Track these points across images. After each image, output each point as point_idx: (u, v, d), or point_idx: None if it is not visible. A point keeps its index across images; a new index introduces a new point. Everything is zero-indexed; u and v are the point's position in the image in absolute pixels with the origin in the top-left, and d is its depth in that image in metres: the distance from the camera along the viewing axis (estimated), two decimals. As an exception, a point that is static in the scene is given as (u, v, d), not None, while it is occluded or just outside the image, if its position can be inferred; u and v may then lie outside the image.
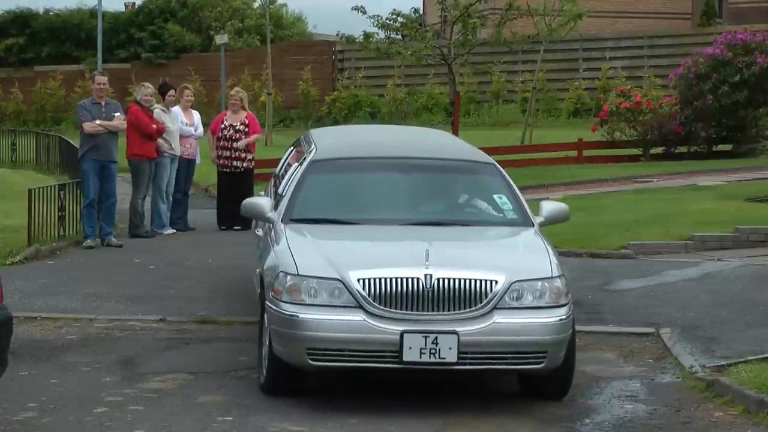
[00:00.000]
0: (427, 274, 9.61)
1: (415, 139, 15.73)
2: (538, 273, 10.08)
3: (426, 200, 12.16)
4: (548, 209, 11.76)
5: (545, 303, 9.87)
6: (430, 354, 9.46)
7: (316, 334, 9.67)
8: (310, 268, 9.97)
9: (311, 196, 11.84)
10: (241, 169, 22.62)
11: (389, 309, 9.62)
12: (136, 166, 21.48)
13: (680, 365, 12.77)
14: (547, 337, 9.74)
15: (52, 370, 12.68)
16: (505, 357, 9.83)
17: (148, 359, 13.28)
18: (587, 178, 30.31)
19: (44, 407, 11.08)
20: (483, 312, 9.64)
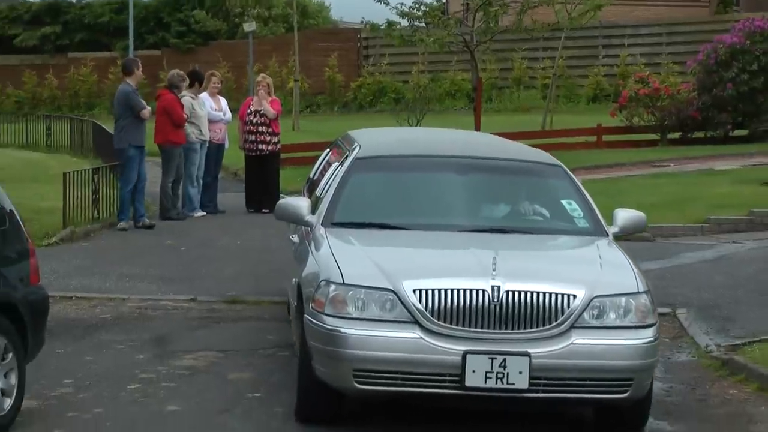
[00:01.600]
0: (495, 285, 7.98)
1: (468, 138, 14.41)
2: (622, 288, 8.40)
3: (486, 204, 10.36)
4: (624, 218, 9.88)
5: (630, 322, 8.23)
6: (497, 379, 7.81)
7: (364, 354, 8.08)
8: (358, 277, 8.39)
9: (355, 197, 10.17)
10: (267, 152, 22.21)
11: (450, 325, 7.99)
12: (168, 152, 20.95)
13: (696, 344, 12.75)
14: (633, 362, 8.14)
15: (87, 347, 12.65)
16: (584, 384, 8.11)
17: (179, 338, 13.24)
18: (606, 162, 30.06)
19: (80, 383, 11.06)
20: (559, 331, 8.04)
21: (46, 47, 59.59)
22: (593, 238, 9.61)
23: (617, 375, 8.09)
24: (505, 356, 7.84)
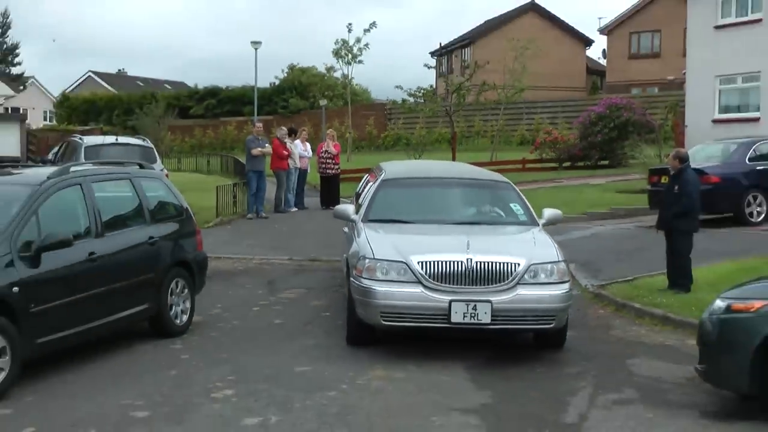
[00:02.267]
0: (469, 258, 10.58)
1: (453, 167, 17.58)
2: (548, 258, 10.88)
3: (464, 207, 13.06)
4: (548, 214, 12.75)
5: (554, 280, 10.69)
6: (470, 317, 10.35)
7: (387, 302, 10.61)
8: (383, 254, 10.96)
9: (382, 203, 12.82)
10: (331, 174, 28.01)
11: (441, 284, 10.57)
12: (277, 174, 26.75)
13: (580, 285, 15.01)
14: (555, 305, 10.55)
15: (229, 286, 15.61)
16: (525, 319, 10.65)
17: (282, 281, 16.24)
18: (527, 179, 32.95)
19: (225, 307, 13.92)
20: (510, 286, 10.51)
21: (207, 114, 70.63)
22: (530, 227, 12.27)
23: (545, 313, 10.58)
24: (475, 303, 10.37)
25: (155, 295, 11.93)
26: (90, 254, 10.82)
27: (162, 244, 12.21)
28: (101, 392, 9.65)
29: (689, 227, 13.62)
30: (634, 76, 61.84)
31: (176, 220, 12.81)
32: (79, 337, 10.72)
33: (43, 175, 11.04)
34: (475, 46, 66.61)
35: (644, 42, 64.23)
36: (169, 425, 8.49)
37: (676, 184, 13.49)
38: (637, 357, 10.88)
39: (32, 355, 9.95)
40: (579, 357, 11.00)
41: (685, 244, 13.58)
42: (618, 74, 63.89)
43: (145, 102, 65.97)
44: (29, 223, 10.15)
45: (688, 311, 12.07)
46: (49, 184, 10.69)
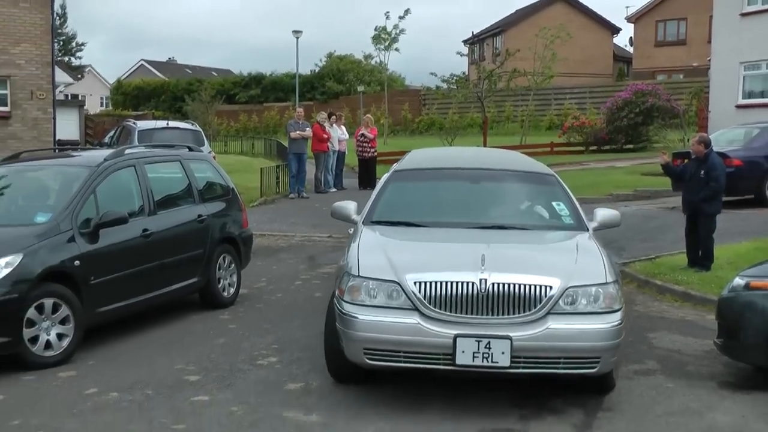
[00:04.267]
0: (482, 278, 7.68)
1: (487, 154, 13.69)
2: (593, 278, 7.92)
3: (491, 206, 9.88)
4: (602, 215, 9.61)
5: (599, 308, 7.77)
6: (483, 358, 7.52)
7: (372, 336, 7.79)
8: (371, 270, 8.11)
9: (390, 201, 9.89)
10: (368, 157, 28.59)
11: (443, 312, 7.70)
12: (317, 156, 27.39)
13: None
14: (600, 343, 7.65)
15: (272, 262, 15.84)
16: (558, 362, 7.68)
17: (322, 256, 16.45)
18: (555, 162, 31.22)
19: (269, 280, 14.19)
20: (537, 317, 7.66)
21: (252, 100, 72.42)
22: (575, 232, 9.12)
23: (586, 354, 7.59)
24: (489, 339, 7.47)
25: (204, 269, 12.14)
26: (144, 231, 11.07)
27: (210, 222, 12.40)
28: (156, 358, 9.86)
29: (715, 210, 13.51)
30: (660, 63, 61.72)
31: (223, 199, 12.98)
32: (135, 307, 10.98)
33: (100, 158, 11.31)
34: (506, 34, 66.44)
35: (670, 29, 63.82)
36: (219, 389, 8.65)
37: (702, 169, 13.30)
38: (658, 331, 10.80)
39: (93, 323, 10.22)
40: None
41: (709, 225, 13.48)
42: (644, 61, 63.69)
43: (192, 89, 66.87)
44: (88, 202, 10.42)
45: (708, 288, 12.01)
46: (105, 165, 10.98)
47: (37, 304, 9.48)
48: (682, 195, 13.98)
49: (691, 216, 13.71)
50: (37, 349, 9.49)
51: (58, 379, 9.10)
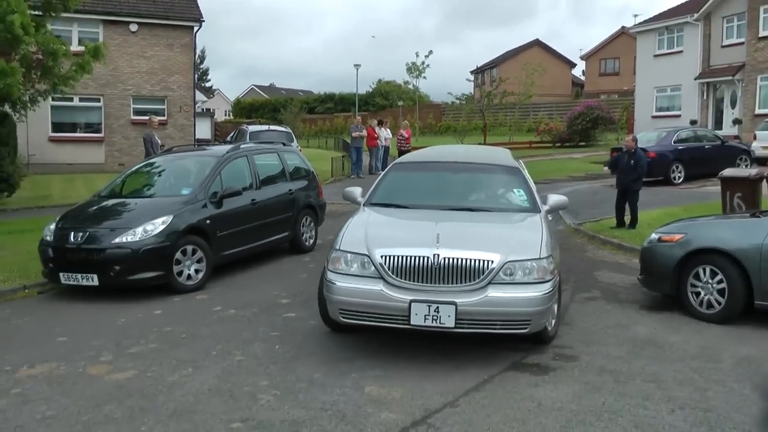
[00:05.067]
0: (436, 253, 6.59)
1: (472, 151, 11.73)
2: (529, 254, 6.79)
3: (465, 192, 8.56)
4: (552, 200, 8.28)
5: (533, 279, 6.68)
6: (432, 319, 6.47)
7: (345, 299, 6.74)
8: (349, 244, 7.01)
9: (387, 187, 8.65)
10: (405, 150, 26.56)
11: (403, 280, 6.60)
12: (370, 149, 26.51)
13: (566, 223, 14.73)
14: (531, 308, 6.59)
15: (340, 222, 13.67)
16: (495, 323, 6.58)
17: None
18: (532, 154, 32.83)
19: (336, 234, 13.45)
20: (480, 286, 6.54)
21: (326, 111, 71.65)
22: (529, 214, 7.88)
23: (519, 317, 6.55)
24: (438, 304, 6.43)
25: (293, 226, 12.08)
26: (252, 200, 11.04)
27: (297, 194, 12.30)
28: (261, 286, 9.81)
29: (639, 187, 13.35)
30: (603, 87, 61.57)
31: (306, 178, 12.81)
32: (246, 252, 10.94)
33: (224, 150, 11.44)
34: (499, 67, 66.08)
35: (609, 65, 63.81)
36: (302, 308, 8.57)
37: (632, 159, 13.09)
38: (601, 270, 10.60)
39: (219, 263, 10.23)
40: (564, 269, 10.13)
41: (635, 198, 13.32)
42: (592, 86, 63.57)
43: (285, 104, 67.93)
44: (216, 180, 10.46)
45: (635, 241, 11.75)
46: (227, 156, 11.07)
47: (182, 248, 9.52)
48: (617, 177, 13.67)
49: (621, 191, 13.45)
50: (182, 279, 9.55)
51: (195, 300, 9.11)
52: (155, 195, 10.37)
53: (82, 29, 28.67)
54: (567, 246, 12.44)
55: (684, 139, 22.14)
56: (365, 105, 69.68)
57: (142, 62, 30.05)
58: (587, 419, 5.23)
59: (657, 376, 6.11)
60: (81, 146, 29.53)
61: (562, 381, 6.02)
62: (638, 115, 37.60)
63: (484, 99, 43.94)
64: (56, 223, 9.74)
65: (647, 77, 37.00)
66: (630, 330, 7.53)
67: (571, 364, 6.46)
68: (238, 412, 5.44)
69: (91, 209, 10.07)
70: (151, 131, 16.07)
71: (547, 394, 5.71)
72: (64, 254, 9.26)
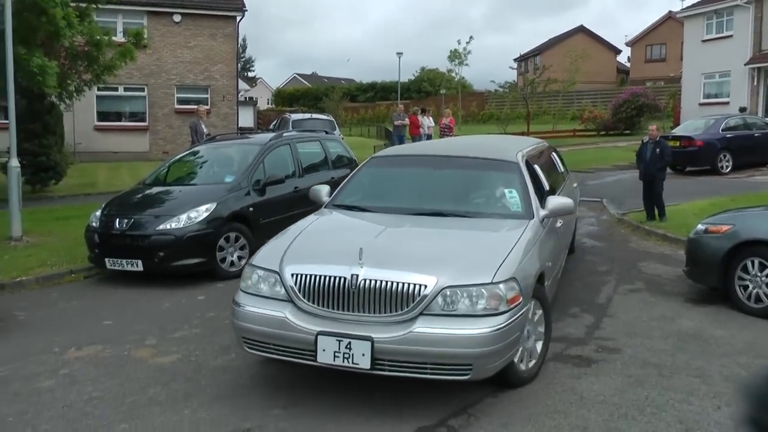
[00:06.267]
0: (354, 273, 5.11)
1: (474, 142, 9.89)
2: (478, 277, 5.09)
3: (442, 192, 6.97)
4: (553, 204, 6.60)
5: (481, 310, 4.99)
6: (343, 358, 5.01)
7: (247, 326, 5.45)
8: (263, 259, 5.72)
9: (356, 186, 7.32)
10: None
11: (315, 306, 5.21)
12: (412, 137, 26.02)
13: (609, 212, 14.61)
14: (472, 350, 4.88)
15: None
16: (423, 367, 4.97)
17: None
18: (576, 143, 33.39)
19: None
20: (406, 318, 5.01)
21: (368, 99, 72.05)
22: (519, 221, 6.23)
23: (455, 360, 4.91)
24: (350, 339, 4.97)
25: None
26: (295, 188, 11.07)
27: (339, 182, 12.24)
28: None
29: (664, 176, 13.11)
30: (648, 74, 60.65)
31: (348, 166, 12.76)
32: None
33: (267, 139, 11.55)
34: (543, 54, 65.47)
35: (655, 51, 62.84)
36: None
37: (657, 148, 12.80)
38: (645, 261, 10.41)
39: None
40: (608, 260, 10.41)
41: (661, 188, 13.01)
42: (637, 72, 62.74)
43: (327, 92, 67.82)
44: (259, 168, 10.57)
45: (680, 232, 11.52)
46: (270, 144, 11.14)
47: (225, 235, 9.70)
48: (642, 168, 13.20)
49: (648, 182, 13.11)
50: (225, 266, 9.68)
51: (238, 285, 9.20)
52: (199, 183, 10.54)
53: (127, 20, 29.12)
54: (610, 236, 12.40)
55: (732, 126, 21.68)
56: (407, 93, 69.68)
57: (185, 52, 30.42)
58: (630, 413, 5.14)
59: (702, 371, 6.00)
60: (126, 135, 30.02)
61: (604, 373, 5.94)
62: (685, 102, 36.82)
63: (528, 87, 43.81)
64: (102, 210, 9.95)
65: (695, 63, 36.17)
66: (675, 323, 7.38)
67: (613, 357, 6.35)
68: (280, 400, 5.45)
69: (136, 196, 10.26)
70: (197, 120, 16.26)
71: (589, 387, 5.63)
72: (109, 240, 9.43)
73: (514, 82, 52.52)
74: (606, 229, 12.73)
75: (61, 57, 17.54)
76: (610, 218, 14.08)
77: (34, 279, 9.43)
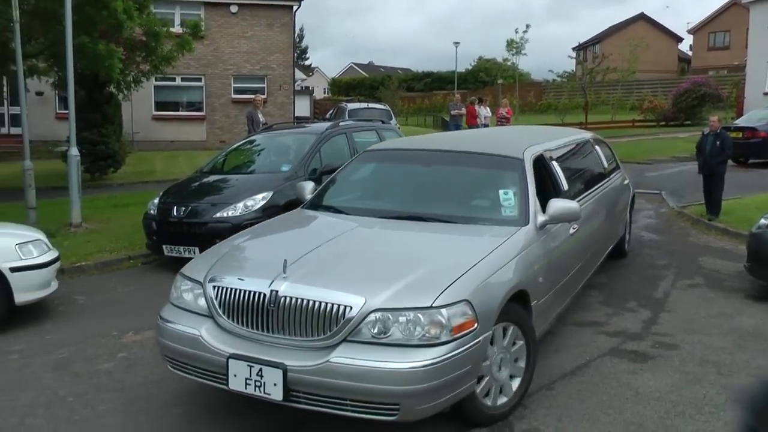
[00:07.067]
0: (273, 290, 4.37)
1: (485, 134, 9.09)
2: (417, 300, 4.20)
3: (428, 193, 6.15)
4: (555, 208, 5.60)
5: (417, 340, 4.12)
6: (255, 386, 4.26)
7: (167, 343, 4.80)
8: (192, 267, 5.10)
9: (340, 183, 6.68)
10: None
11: (235, 324, 4.51)
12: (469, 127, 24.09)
13: (668, 205, 14.26)
14: (399, 387, 4.01)
15: None
16: (343, 403, 4.12)
17: None
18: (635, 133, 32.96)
19: None
20: (327, 344, 4.22)
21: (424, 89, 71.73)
22: (505, 228, 5.35)
23: (379, 398, 4.05)
24: (262, 366, 4.22)
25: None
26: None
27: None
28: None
29: (725, 170, 12.51)
30: (711, 62, 59.04)
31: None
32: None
33: (323, 128, 11.51)
34: (602, 43, 64.43)
35: (718, 38, 61.17)
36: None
37: (718, 140, 12.28)
38: (705, 256, 10.13)
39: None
40: (666, 254, 10.14)
41: (722, 183, 12.46)
42: (699, 61, 61.15)
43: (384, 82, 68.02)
44: (315, 157, 10.52)
45: (741, 226, 11.21)
46: (327, 133, 11.15)
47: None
48: (701, 161, 12.63)
49: (708, 175, 12.54)
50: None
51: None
52: (256, 171, 10.60)
53: (185, 12, 29.56)
54: (669, 229, 12.13)
55: (800, 117, 21.07)
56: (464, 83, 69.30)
57: (242, 42, 30.75)
58: (687, 411, 5.03)
59: (764, 370, 5.83)
60: (183, 124, 30.49)
61: (661, 370, 5.81)
62: (749, 92, 35.71)
63: (586, 76, 43.12)
64: (160, 198, 10.07)
65: (760, 51, 34.91)
66: (734, 320, 7.16)
67: (670, 353, 6.22)
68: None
69: (193, 185, 10.36)
70: (254, 109, 16.39)
71: (646, 383, 5.53)
72: (167, 227, 9.56)
73: (572, 72, 51.82)
74: (665, 222, 12.51)
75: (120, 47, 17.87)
76: (669, 211, 13.80)
77: (93, 264, 9.60)
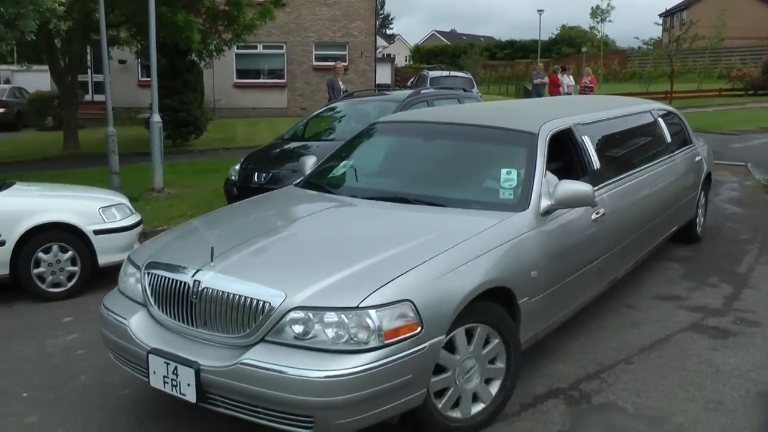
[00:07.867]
0: (196, 280, 3.94)
1: (512, 105, 8.60)
2: (343, 299, 3.60)
3: (424, 171, 5.52)
4: (563, 191, 4.83)
5: (342, 344, 3.53)
6: (172, 386, 3.85)
7: (105, 332, 4.39)
8: (140, 251, 4.69)
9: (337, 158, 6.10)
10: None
11: (165, 315, 4.09)
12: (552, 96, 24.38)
13: (754, 178, 13.69)
14: (310, 399, 3.45)
15: None
16: (256, 410, 3.64)
17: None
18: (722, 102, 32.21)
19: None
20: (244, 343, 3.73)
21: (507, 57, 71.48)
22: (498, 213, 4.66)
23: (289, 409, 3.53)
24: (177, 363, 3.81)
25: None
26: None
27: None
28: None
29: None
30: (806, 29, 56.06)
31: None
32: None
33: (405, 95, 11.50)
34: (690, 9, 62.19)
35: None
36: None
37: None
38: (792, 231, 9.61)
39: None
40: (750, 228, 9.66)
41: None
42: (793, 27, 57.86)
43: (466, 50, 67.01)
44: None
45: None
46: (408, 100, 11.13)
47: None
48: None
49: None
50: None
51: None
52: (336, 138, 10.50)
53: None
54: (754, 203, 11.64)
55: None
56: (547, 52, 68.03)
57: (324, 9, 30.83)
58: (768, 390, 4.83)
59: None
60: (264, 92, 30.87)
61: (742, 347, 5.64)
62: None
63: (673, 44, 41.36)
64: (241, 164, 10.13)
65: None
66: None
67: (752, 330, 6.02)
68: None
69: (274, 151, 10.42)
70: (334, 77, 16.46)
71: (726, 360, 5.38)
72: (247, 193, 9.53)
73: (659, 39, 50.20)
74: (749, 195, 12.05)
75: (201, 17, 18.16)
76: (754, 184, 13.27)
77: (175, 228, 9.93)
